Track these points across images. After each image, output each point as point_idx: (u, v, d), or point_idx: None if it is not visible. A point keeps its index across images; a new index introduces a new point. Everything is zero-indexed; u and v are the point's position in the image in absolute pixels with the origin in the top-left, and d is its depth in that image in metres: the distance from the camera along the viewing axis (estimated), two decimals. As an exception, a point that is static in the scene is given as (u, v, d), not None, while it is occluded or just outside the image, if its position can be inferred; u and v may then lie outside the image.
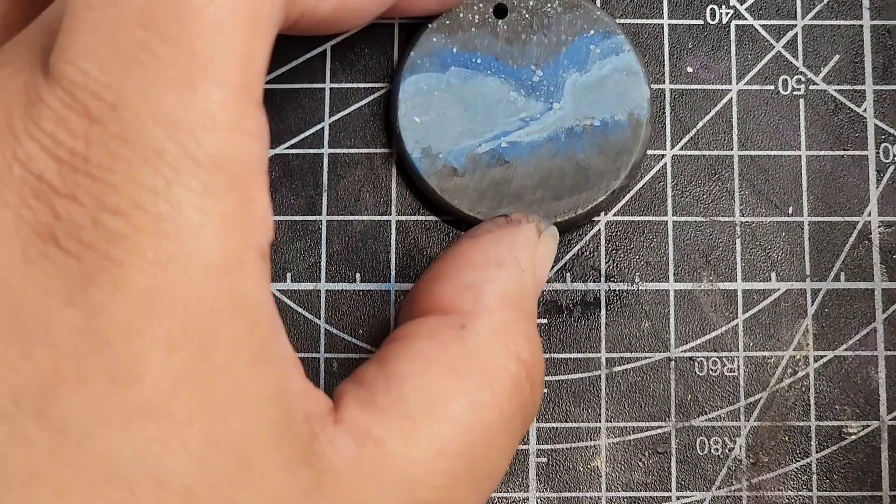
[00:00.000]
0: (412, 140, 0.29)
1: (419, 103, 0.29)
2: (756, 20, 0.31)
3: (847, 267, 0.30)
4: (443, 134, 0.29)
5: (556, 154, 0.29)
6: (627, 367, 0.30)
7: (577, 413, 0.30)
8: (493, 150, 0.29)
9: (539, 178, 0.29)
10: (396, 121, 0.29)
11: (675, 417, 0.30)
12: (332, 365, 0.30)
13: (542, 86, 0.29)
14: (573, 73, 0.29)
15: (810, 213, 0.31)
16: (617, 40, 0.29)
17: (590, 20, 0.29)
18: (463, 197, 0.29)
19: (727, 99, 0.31)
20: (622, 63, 0.29)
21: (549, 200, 0.29)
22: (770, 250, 0.30)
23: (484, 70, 0.29)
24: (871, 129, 0.31)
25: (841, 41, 0.31)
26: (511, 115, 0.29)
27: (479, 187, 0.29)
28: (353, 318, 0.30)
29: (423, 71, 0.29)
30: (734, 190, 0.31)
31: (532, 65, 0.29)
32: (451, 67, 0.29)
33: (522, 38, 0.29)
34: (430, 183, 0.29)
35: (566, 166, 0.29)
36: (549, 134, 0.29)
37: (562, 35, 0.29)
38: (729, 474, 0.30)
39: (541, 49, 0.29)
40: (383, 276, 0.30)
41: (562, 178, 0.29)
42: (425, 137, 0.29)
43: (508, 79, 0.29)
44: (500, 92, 0.29)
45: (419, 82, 0.29)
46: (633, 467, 0.30)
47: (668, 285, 0.30)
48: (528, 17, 0.29)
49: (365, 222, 0.30)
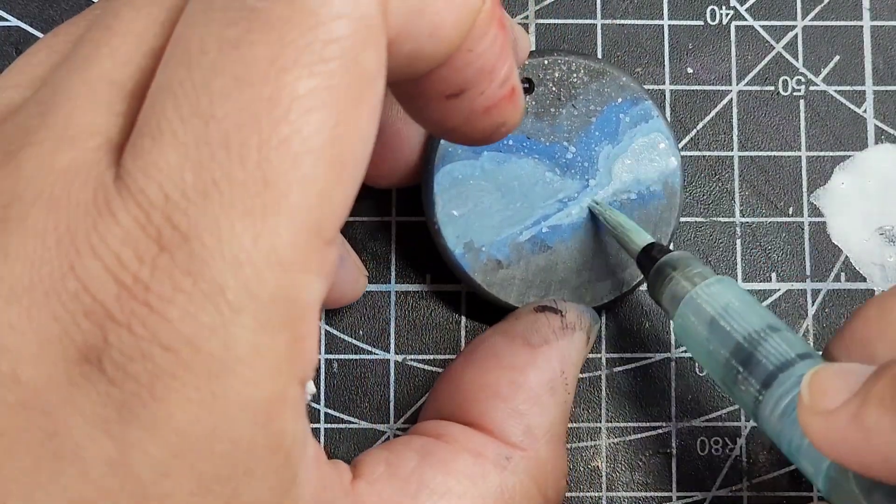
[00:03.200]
0: (453, 236, 0.28)
1: (455, 195, 0.28)
2: (756, 21, 0.31)
3: (847, 267, 0.30)
4: (483, 225, 0.28)
5: (597, 233, 0.29)
6: (628, 367, 0.30)
7: (578, 413, 0.30)
8: (535, 236, 0.28)
9: (583, 261, 0.29)
10: (434, 216, 0.28)
11: (675, 417, 0.30)
12: (332, 366, 0.30)
13: (576, 162, 0.29)
14: (605, 146, 0.29)
15: (810, 213, 0.31)
16: (645, 106, 0.29)
17: (616, 87, 0.29)
18: (510, 289, 0.28)
19: (727, 100, 0.31)
20: (652, 130, 0.29)
21: (594, 282, 0.28)
22: (770, 251, 0.30)
23: (517, 152, 0.28)
24: (871, 129, 0.31)
25: (841, 42, 0.31)
26: (549, 196, 0.28)
27: (525, 277, 0.28)
28: (354, 318, 0.30)
29: (457, 160, 0.28)
30: (734, 190, 0.31)
31: (564, 140, 0.29)
32: (484, 153, 0.28)
33: (552, 111, 0.29)
34: (476, 279, 0.28)
35: (608, 245, 0.29)
36: (588, 213, 0.29)
37: (590, 105, 0.29)
38: (729, 474, 0.30)
39: (571, 122, 0.29)
40: (383, 276, 0.30)
41: (605, 257, 0.29)
42: (466, 231, 0.28)
43: (542, 158, 0.29)
44: (536, 173, 0.28)
45: (453, 172, 0.28)
46: (633, 467, 0.30)
47: (669, 285, 0.30)
48: (556, 90, 0.29)
49: (365, 223, 0.30)
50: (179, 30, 0.18)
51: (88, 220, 0.17)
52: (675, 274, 0.25)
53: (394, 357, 0.30)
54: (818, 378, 0.20)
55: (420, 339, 0.30)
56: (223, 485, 0.18)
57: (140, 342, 0.17)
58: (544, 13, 0.31)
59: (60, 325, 0.17)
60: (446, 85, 0.21)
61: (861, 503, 0.20)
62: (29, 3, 0.31)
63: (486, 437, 0.25)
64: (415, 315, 0.30)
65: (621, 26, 0.31)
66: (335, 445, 0.30)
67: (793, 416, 0.21)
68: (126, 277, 0.17)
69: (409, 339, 0.30)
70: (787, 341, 0.23)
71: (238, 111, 0.17)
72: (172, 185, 0.17)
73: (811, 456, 0.21)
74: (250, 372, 0.18)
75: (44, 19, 0.31)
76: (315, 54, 0.17)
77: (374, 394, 0.30)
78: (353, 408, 0.30)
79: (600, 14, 0.31)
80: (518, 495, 0.24)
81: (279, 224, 0.17)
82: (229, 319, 0.17)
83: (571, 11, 0.31)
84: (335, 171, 0.18)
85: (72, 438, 0.17)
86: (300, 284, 0.18)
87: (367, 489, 0.22)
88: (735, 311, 0.23)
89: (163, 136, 0.17)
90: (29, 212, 0.18)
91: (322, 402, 0.30)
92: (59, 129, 0.18)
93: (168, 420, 0.17)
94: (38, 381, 0.17)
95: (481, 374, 0.26)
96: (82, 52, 0.19)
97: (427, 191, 0.28)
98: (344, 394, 0.30)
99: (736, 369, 0.23)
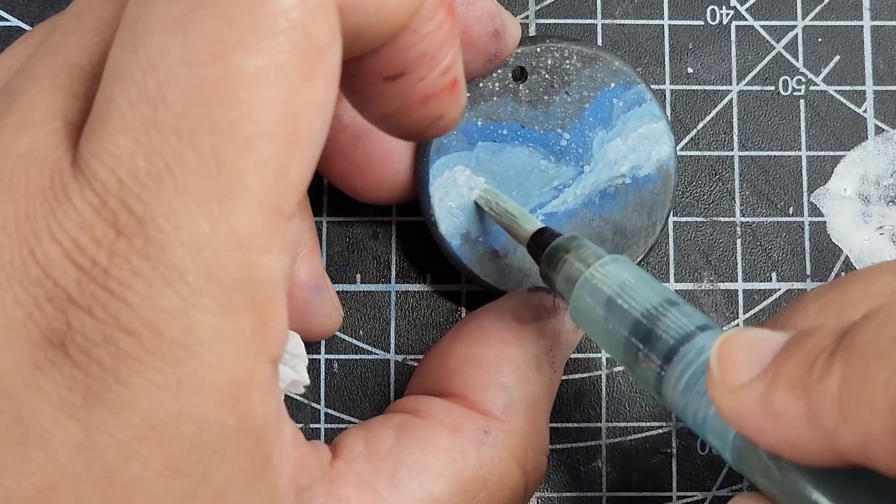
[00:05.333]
0: (450, 227, 0.28)
1: (451, 187, 0.28)
2: (756, 21, 0.31)
3: (847, 267, 0.30)
4: (479, 215, 0.28)
5: (594, 218, 0.29)
6: (628, 368, 0.30)
7: (578, 413, 0.30)
8: None
9: None
10: (430, 208, 0.28)
11: (675, 417, 0.30)
12: (332, 366, 0.30)
13: (570, 149, 0.28)
14: (599, 132, 0.29)
15: (810, 213, 0.31)
16: (638, 90, 0.29)
17: (609, 72, 0.29)
18: (508, 278, 0.28)
19: (727, 99, 0.31)
20: (646, 114, 0.29)
21: None
22: (770, 250, 0.30)
23: (511, 141, 0.28)
24: (871, 129, 0.31)
25: (841, 42, 0.31)
26: (544, 184, 0.28)
27: (523, 266, 0.28)
28: (353, 318, 0.30)
29: (451, 151, 0.28)
30: (735, 190, 0.31)
31: (558, 128, 0.28)
32: (479, 143, 0.28)
33: (545, 99, 0.29)
34: (474, 270, 0.28)
35: (604, 229, 0.29)
36: (584, 199, 0.28)
37: (584, 91, 0.29)
38: (729, 474, 0.30)
39: (565, 109, 0.29)
40: (383, 276, 0.30)
41: (601, 242, 0.28)
42: (462, 223, 0.28)
43: (537, 146, 0.28)
44: (531, 162, 0.28)
45: (448, 163, 0.28)
46: (633, 467, 0.30)
47: (669, 285, 0.30)
48: (549, 77, 0.29)
49: (365, 223, 0.30)
50: (128, 9, 0.18)
51: (46, 205, 0.17)
52: (567, 256, 0.24)
53: (394, 357, 0.30)
54: (727, 348, 0.20)
55: (420, 339, 0.30)
56: (192, 467, 0.18)
57: (102, 326, 0.17)
58: (544, 13, 0.31)
59: (24, 309, 0.17)
60: (386, 64, 0.20)
61: (770, 470, 0.20)
62: (29, 3, 0.31)
63: (465, 409, 0.25)
64: (415, 315, 0.30)
65: (621, 26, 0.31)
66: (335, 445, 0.30)
67: (696, 389, 0.21)
68: (85, 262, 0.17)
69: (409, 339, 0.30)
70: (686, 314, 0.22)
71: (187, 95, 0.17)
72: (125, 170, 0.17)
73: (717, 429, 0.21)
74: (214, 355, 0.17)
75: (44, 19, 0.31)
76: (262, 30, 0.17)
77: (374, 394, 0.30)
78: (353, 408, 0.30)
79: (600, 14, 0.31)
80: (497, 468, 0.24)
81: (236, 207, 0.17)
82: (191, 303, 0.17)
83: (571, 11, 0.31)
84: (290, 147, 0.18)
85: (38, 423, 0.17)
86: (263, 265, 0.18)
87: (346, 468, 0.22)
88: (631, 289, 0.23)
89: (112, 120, 0.17)
90: None
91: (322, 402, 0.30)
92: (21, 114, 0.19)
93: (133, 404, 0.17)
94: (3, 365, 0.17)
95: (467, 346, 0.26)
96: (52, 41, 0.20)
97: (422, 183, 0.28)
98: (344, 394, 0.30)
99: (636, 347, 0.22)
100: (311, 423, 0.30)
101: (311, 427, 0.30)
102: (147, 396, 0.17)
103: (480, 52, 0.27)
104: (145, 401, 0.17)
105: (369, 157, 0.27)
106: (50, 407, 0.17)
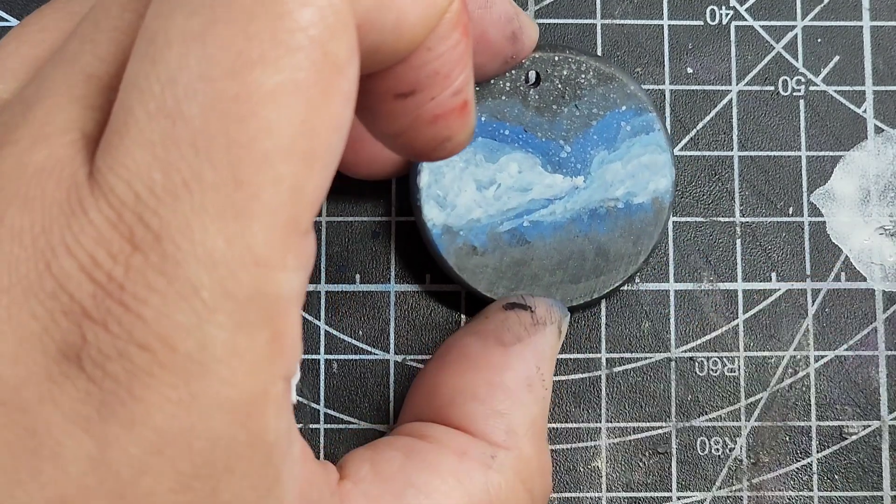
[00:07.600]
0: (433, 215, 0.28)
1: (441, 176, 0.28)
2: (756, 21, 0.31)
3: (847, 266, 0.30)
4: (464, 209, 0.28)
5: (578, 235, 0.28)
6: (628, 367, 0.30)
7: (578, 413, 0.30)
8: (515, 229, 0.28)
9: (558, 260, 0.28)
10: (418, 192, 0.28)
11: (675, 417, 0.30)
12: (332, 366, 0.30)
13: (569, 162, 0.28)
14: (601, 151, 0.28)
15: (810, 213, 0.31)
16: (648, 118, 0.29)
17: (623, 95, 0.29)
18: (481, 277, 0.28)
19: (727, 100, 0.31)
20: (651, 143, 0.28)
21: (566, 283, 0.28)
22: (770, 250, 0.30)
23: (511, 143, 0.28)
24: (871, 130, 0.31)
25: (841, 42, 0.31)
26: (535, 192, 0.28)
27: (499, 267, 0.28)
28: (353, 319, 0.30)
29: None
30: (734, 190, 0.31)
31: (561, 139, 0.28)
32: (479, 138, 0.28)
33: (553, 108, 0.28)
34: (449, 261, 0.28)
35: (587, 248, 0.28)
36: (573, 214, 0.28)
37: (593, 108, 0.28)
38: (729, 474, 0.30)
39: (571, 122, 0.28)
40: (383, 276, 0.30)
41: (582, 260, 0.28)
42: (447, 214, 0.28)
43: (535, 153, 0.28)
44: (526, 167, 0.28)
45: None
46: (633, 467, 0.30)
47: (669, 285, 0.30)
48: (561, 87, 0.28)
49: (365, 223, 0.30)
50: (147, 20, 0.18)
51: (62, 218, 0.17)
52: None
53: (393, 357, 0.30)
54: None
55: (420, 339, 0.30)
56: (203, 482, 0.18)
57: (117, 341, 0.17)
58: (544, 13, 0.31)
59: (39, 323, 0.17)
60: (398, 82, 0.20)
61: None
62: (29, 3, 0.31)
63: (470, 437, 0.25)
64: (414, 315, 0.30)
65: (621, 26, 0.31)
66: (335, 446, 0.29)
67: None
68: (100, 276, 0.17)
69: (408, 339, 0.30)
70: None
71: (205, 110, 0.17)
72: (142, 184, 0.17)
73: None
74: (228, 372, 0.17)
75: (43, 19, 0.31)
76: (281, 46, 0.17)
77: (373, 394, 0.30)
78: (352, 408, 0.30)
79: (600, 14, 0.31)
80: (504, 493, 0.24)
81: (252, 224, 0.17)
82: (205, 319, 0.17)
83: (571, 11, 0.31)
84: (307, 164, 0.18)
85: (51, 436, 0.17)
86: (278, 281, 0.18)
87: (353, 489, 0.22)
88: None
89: (129, 133, 0.17)
90: (6, 211, 0.18)
91: (322, 402, 0.30)
92: (37, 126, 0.18)
93: (147, 418, 0.17)
94: (17, 378, 0.17)
95: (456, 376, 0.26)
96: (69, 48, 0.19)
97: (414, 169, 0.28)
98: (344, 394, 0.30)
99: None
100: (310, 424, 0.30)
101: (310, 427, 0.30)
102: (160, 411, 0.17)
103: (497, 55, 0.27)
104: (158, 416, 0.17)
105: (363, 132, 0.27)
106: (63, 420, 0.17)
